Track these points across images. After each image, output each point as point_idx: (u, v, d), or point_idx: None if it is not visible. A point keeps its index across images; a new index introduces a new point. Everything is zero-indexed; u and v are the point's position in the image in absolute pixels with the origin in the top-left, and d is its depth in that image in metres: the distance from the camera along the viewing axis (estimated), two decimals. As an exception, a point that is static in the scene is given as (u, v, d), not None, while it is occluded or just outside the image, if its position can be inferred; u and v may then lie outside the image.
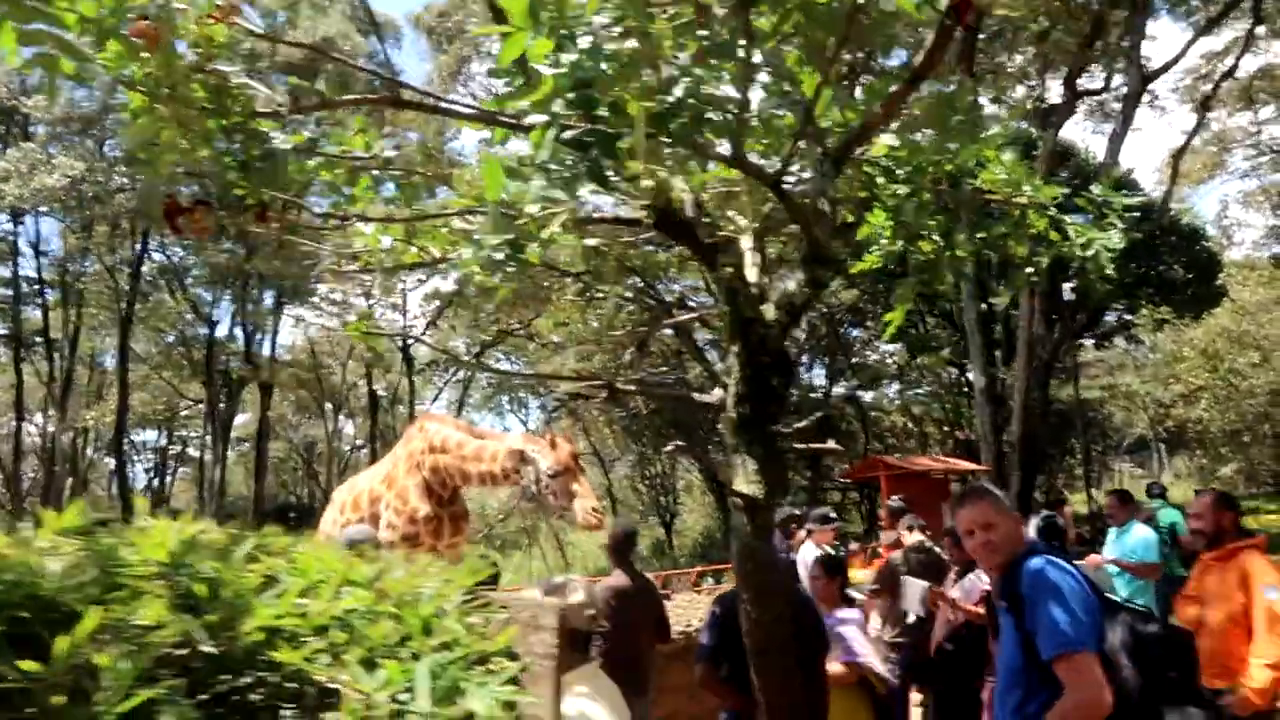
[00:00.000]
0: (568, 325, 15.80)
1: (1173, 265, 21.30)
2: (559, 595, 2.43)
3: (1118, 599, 2.67)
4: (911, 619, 5.73)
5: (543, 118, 1.95)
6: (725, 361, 3.62)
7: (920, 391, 29.82)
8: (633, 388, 4.32)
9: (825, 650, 3.98)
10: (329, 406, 33.28)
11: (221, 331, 26.76)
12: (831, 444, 11.01)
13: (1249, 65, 21.36)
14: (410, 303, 29.61)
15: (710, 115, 2.61)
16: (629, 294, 12.65)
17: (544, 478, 5.49)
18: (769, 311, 3.45)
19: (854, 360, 27.19)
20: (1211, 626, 3.99)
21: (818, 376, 27.38)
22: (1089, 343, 25.67)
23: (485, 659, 1.13)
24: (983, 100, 6.22)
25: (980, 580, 5.28)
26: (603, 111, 1.90)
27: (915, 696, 6.04)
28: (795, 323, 3.59)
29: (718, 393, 3.64)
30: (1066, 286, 12.16)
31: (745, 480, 3.44)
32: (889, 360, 27.35)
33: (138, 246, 21.01)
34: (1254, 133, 25.08)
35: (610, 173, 1.96)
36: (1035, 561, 2.53)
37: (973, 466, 16.46)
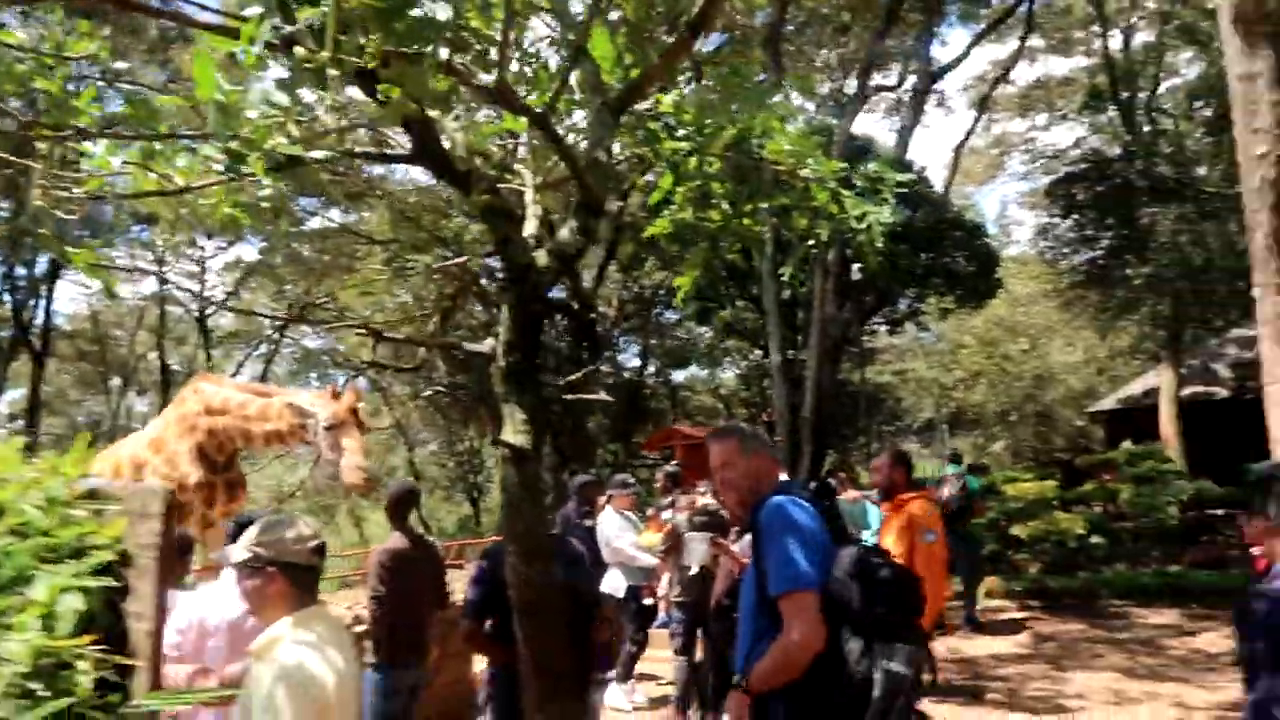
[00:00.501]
0: (373, 295, 15.23)
1: (957, 258, 22.93)
2: (278, 531, 2.26)
3: (859, 536, 2.75)
4: (694, 570, 5.89)
5: (256, 9, 1.78)
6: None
7: (729, 374, 30.92)
8: (400, 336, 4.14)
9: (596, 613, 3.97)
10: (115, 380, 30.67)
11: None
12: (602, 395, 11.08)
13: (1029, 74, 23.28)
14: (212, 276, 27.74)
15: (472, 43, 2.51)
16: (436, 265, 12.29)
17: (320, 431, 5.22)
18: (541, 258, 3.39)
19: (667, 341, 27.78)
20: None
21: (631, 358, 27.83)
22: (883, 329, 27.37)
23: (83, 550, 1.01)
24: (786, 85, 6.39)
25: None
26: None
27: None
28: (567, 271, 3.55)
29: (489, 342, 3.55)
30: (855, 267, 12.86)
31: (514, 430, 3.37)
32: (701, 341, 28.09)
33: None
34: (1029, 138, 27.37)
35: (333, 72, 1.81)
36: (775, 500, 2.57)
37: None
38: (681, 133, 4.12)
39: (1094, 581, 10.66)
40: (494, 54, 2.76)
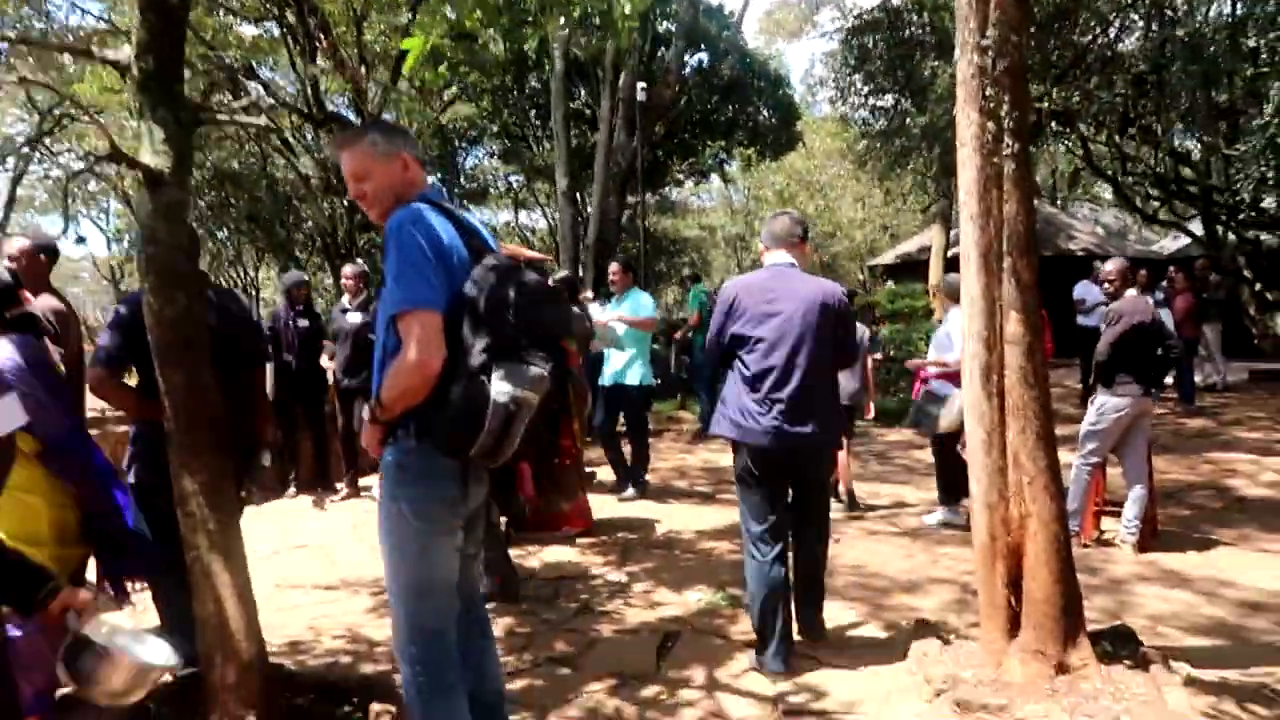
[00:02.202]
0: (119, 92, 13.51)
1: (760, 109, 23.10)
2: None
3: (497, 251, 2.50)
4: None
5: None
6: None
7: (540, 221, 30.32)
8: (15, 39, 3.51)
9: (261, 365, 3.66)
10: None
11: None
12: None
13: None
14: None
15: None
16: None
17: None
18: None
19: (470, 183, 26.75)
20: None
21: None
22: (690, 182, 27.47)
23: None
24: None
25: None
26: None
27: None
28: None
29: (125, 50, 3.04)
30: (641, 87, 12.57)
31: (151, 150, 2.94)
32: (503, 184, 27.28)
33: None
34: (838, -5, 27.45)
35: None
36: (403, 211, 2.33)
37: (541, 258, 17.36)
38: None
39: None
40: None
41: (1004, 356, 3.47)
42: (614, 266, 7.66)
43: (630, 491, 7.34)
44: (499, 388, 2.14)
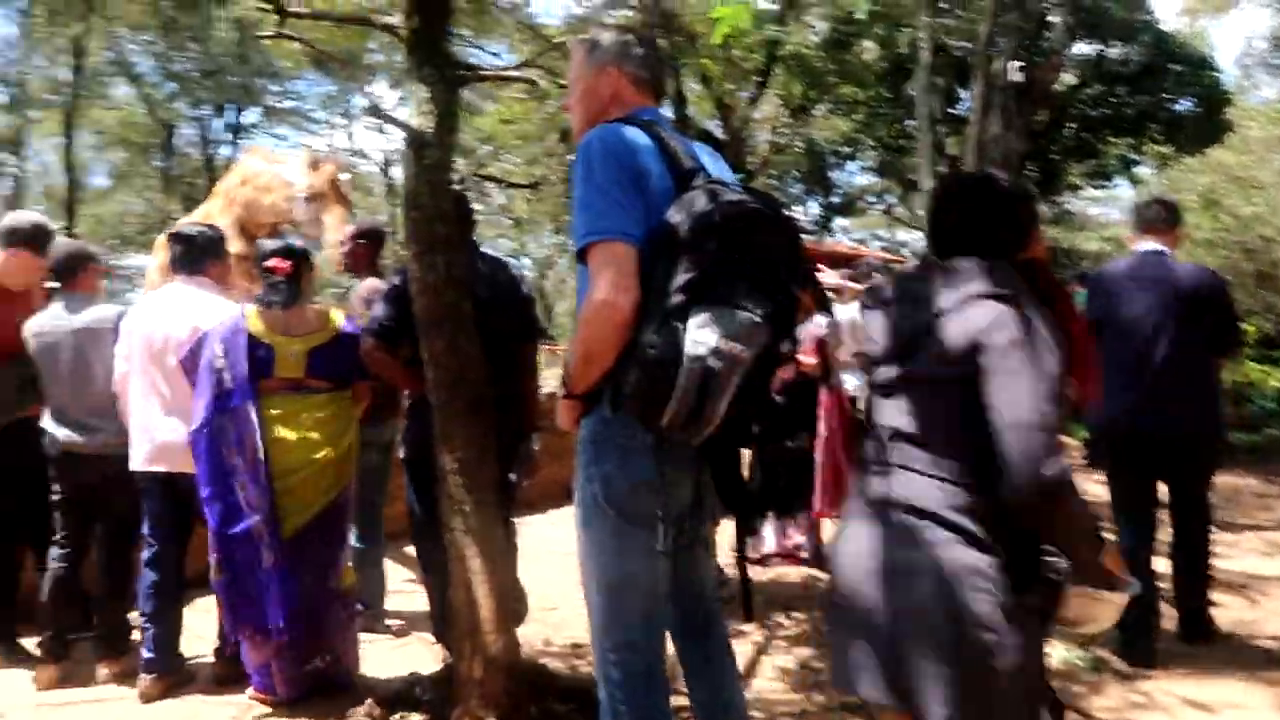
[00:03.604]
0: None
1: (1179, 98, 20.01)
2: None
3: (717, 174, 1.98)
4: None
5: None
6: None
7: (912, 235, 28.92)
8: (304, 11, 3.64)
9: (530, 341, 3.42)
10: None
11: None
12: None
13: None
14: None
15: None
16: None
17: (301, 204, 4.85)
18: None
19: (834, 195, 26.20)
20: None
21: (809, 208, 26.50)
22: (1091, 189, 24.49)
23: None
24: None
25: (816, 324, 4.75)
26: None
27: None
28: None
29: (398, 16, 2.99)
30: (1016, 66, 11.08)
31: (416, 110, 2.83)
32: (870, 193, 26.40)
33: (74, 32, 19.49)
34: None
35: None
36: (596, 129, 1.93)
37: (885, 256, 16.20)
38: None
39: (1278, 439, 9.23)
40: None
41: None
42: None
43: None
44: (696, 337, 1.64)
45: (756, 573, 4.88)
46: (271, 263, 3.31)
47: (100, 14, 19.82)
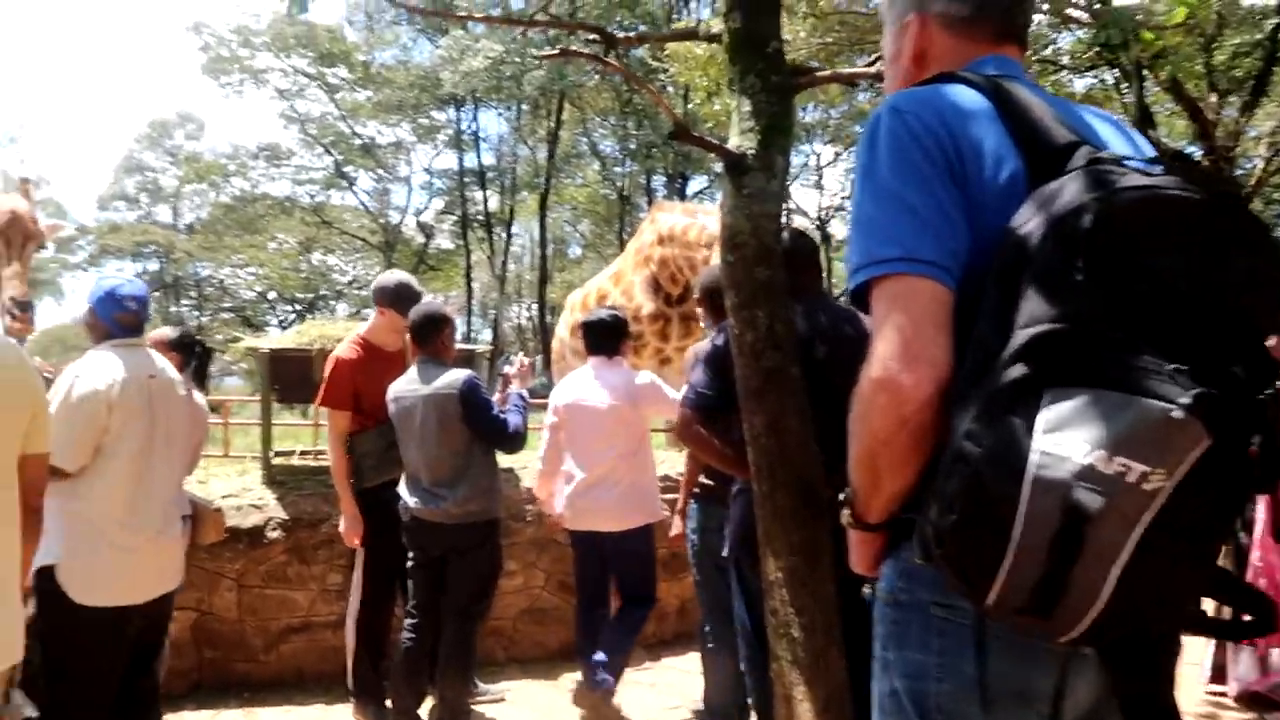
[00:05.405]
0: None
1: None
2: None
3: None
4: None
5: None
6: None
7: None
8: (631, 35, 3.21)
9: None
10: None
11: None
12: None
13: None
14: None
15: None
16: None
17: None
18: None
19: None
20: None
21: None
22: None
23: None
24: None
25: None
26: None
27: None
28: None
29: (716, 23, 2.46)
30: None
31: (738, 129, 2.29)
32: None
33: (551, 123, 22.37)
34: None
35: None
36: (894, 96, 1.20)
37: None
38: None
39: None
40: None
41: None
42: None
43: None
44: (1050, 445, 0.87)
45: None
46: None
47: (573, 104, 22.53)
